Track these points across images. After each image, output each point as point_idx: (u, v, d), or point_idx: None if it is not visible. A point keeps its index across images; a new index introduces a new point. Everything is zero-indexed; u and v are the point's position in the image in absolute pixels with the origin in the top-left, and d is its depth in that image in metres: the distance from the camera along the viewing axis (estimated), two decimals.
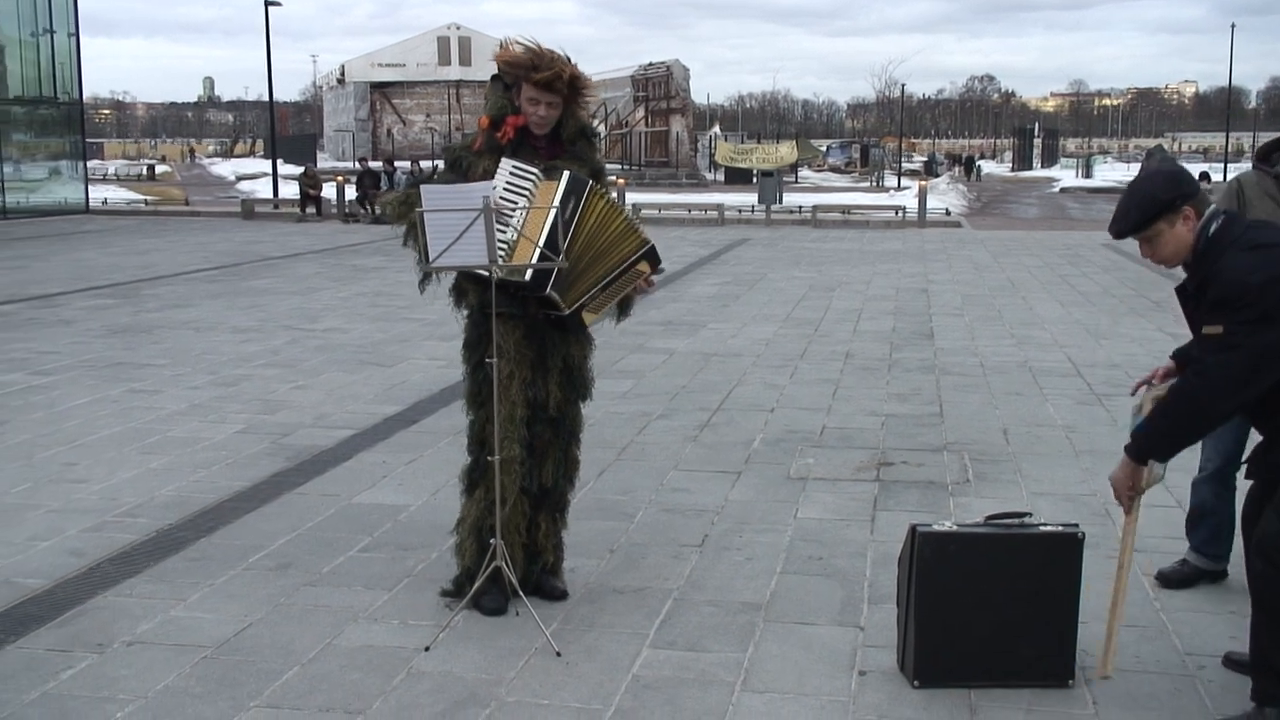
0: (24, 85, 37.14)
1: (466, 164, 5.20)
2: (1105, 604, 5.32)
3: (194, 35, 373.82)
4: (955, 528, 4.56)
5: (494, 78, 5.30)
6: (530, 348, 5.23)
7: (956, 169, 67.13)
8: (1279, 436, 4.12)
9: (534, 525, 5.38)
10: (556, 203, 4.99)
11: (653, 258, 5.34)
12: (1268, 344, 3.95)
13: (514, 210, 5.00)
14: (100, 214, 37.10)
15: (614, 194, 5.38)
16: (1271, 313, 3.93)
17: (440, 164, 5.85)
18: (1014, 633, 4.50)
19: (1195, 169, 68.59)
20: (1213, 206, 4.21)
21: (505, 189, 5.01)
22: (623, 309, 5.47)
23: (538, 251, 4.94)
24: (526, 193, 5.06)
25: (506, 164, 5.10)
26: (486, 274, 4.96)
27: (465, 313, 5.34)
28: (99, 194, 41.68)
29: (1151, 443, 4.25)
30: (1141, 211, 4.20)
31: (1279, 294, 3.94)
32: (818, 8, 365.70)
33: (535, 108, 5.14)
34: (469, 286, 5.21)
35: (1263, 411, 4.15)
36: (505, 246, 4.98)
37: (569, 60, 5.16)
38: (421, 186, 4.96)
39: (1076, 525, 4.64)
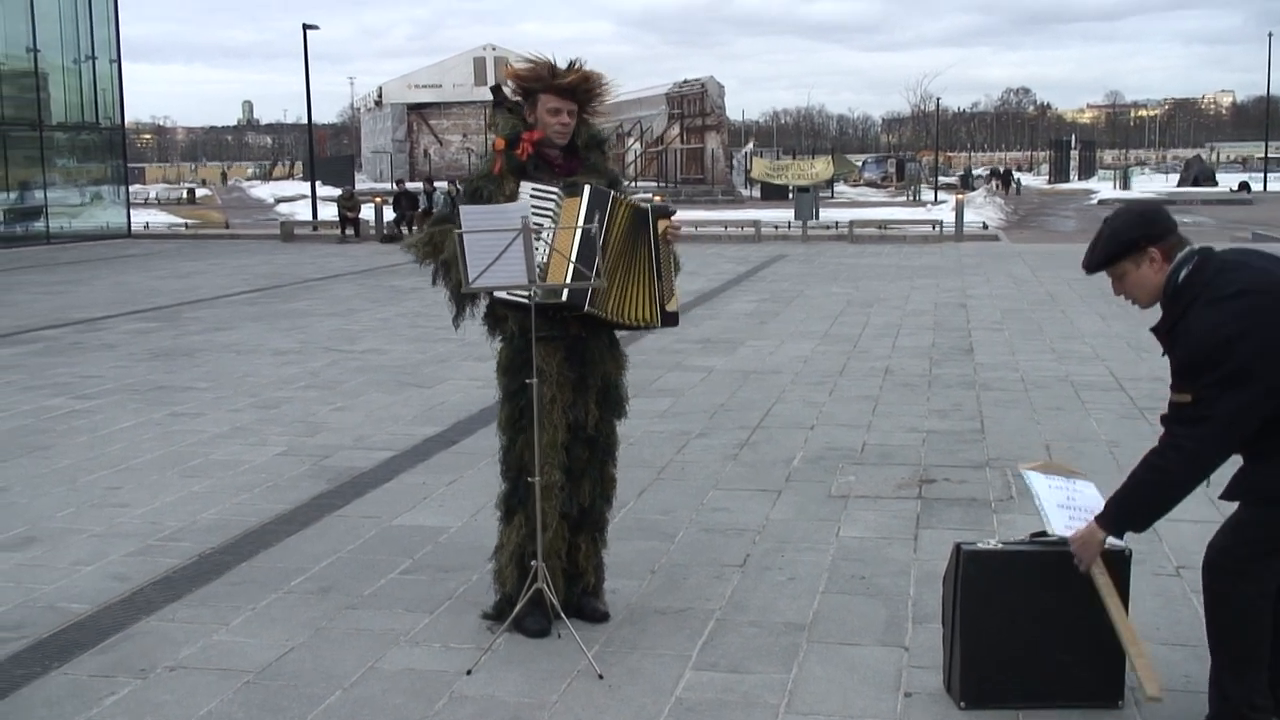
0: (67, 111, 37.55)
1: (488, 193, 5.14)
2: (1153, 622, 5.27)
3: (234, 59, 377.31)
4: (1000, 546, 4.52)
5: (496, 103, 5.30)
6: (572, 370, 5.22)
7: (994, 182, 66.79)
8: (1260, 459, 4.03)
9: (574, 547, 5.36)
10: (582, 221, 4.98)
11: (662, 212, 5.35)
12: (1238, 407, 3.86)
13: (540, 233, 4.99)
14: (142, 238, 37.43)
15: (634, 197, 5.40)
16: (1238, 373, 3.84)
17: (458, 190, 5.87)
18: (1061, 652, 4.44)
19: (1234, 179, 68.25)
20: (1185, 250, 4.07)
21: (531, 212, 5.02)
22: (676, 268, 5.49)
23: (570, 269, 4.93)
24: (550, 214, 5.06)
25: (526, 187, 5.09)
26: (526, 299, 4.97)
27: (499, 338, 5.32)
28: (140, 218, 42.04)
29: (1127, 517, 4.17)
30: (1105, 249, 4.13)
31: (1246, 351, 3.84)
32: (854, 23, 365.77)
33: (557, 117, 5.14)
34: (507, 313, 5.18)
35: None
36: (538, 269, 4.97)
37: (583, 64, 5.20)
38: (460, 208, 4.95)
39: (1124, 543, 4.58)
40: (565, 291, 4.98)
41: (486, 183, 5.19)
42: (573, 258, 4.94)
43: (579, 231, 4.97)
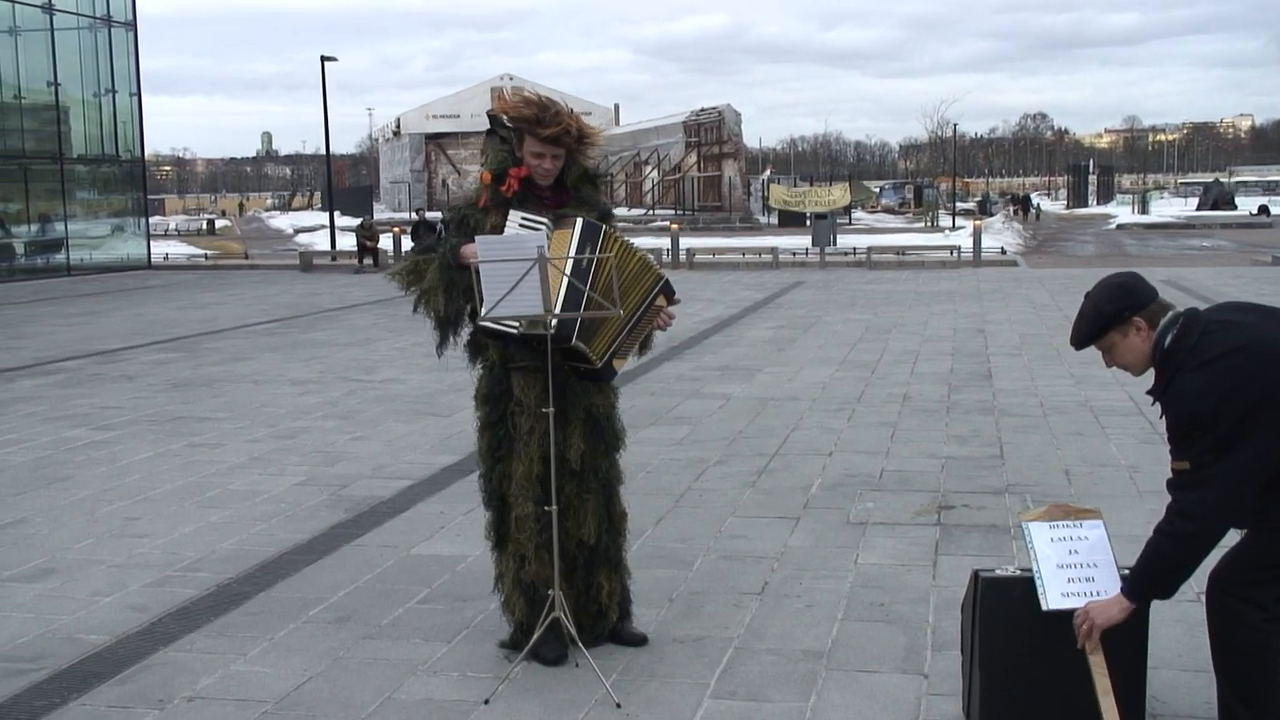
0: (87, 144, 37.81)
1: (474, 222, 5.14)
2: (1174, 649, 5.24)
3: (253, 91, 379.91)
4: (1019, 572, 4.49)
5: (489, 131, 5.31)
6: (555, 402, 5.15)
7: (1012, 208, 66.68)
8: (1270, 490, 3.98)
9: (596, 587, 5.33)
10: (573, 252, 4.96)
11: (668, 291, 5.31)
12: (1238, 467, 3.85)
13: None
14: (162, 269, 37.62)
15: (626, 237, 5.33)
16: (1228, 435, 3.84)
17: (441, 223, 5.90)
18: (1081, 679, 4.41)
19: (1254, 202, 68.05)
20: (1169, 314, 4.06)
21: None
22: (642, 347, 5.41)
23: (560, 301, 4.91)
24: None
25: (515, 216, 5.09)
26: (513, 328, 4.95)
27: (479, 367, 5.31)
28: (160, 249, 42.29)
29: (1148, 587, 4.15)
30: (1090, 324, 4.14)
31: (1232, 413, 3.83)
32: (871, 50, 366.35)
33: (540, 161, 5.11)
34: (487, 341, 5.17)
35: None
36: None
37: (571, 112, 5.14)
38: (478, 238, 4.95)
39: None
40: (553, 323, 4.91)
41: (473, 211, 5.19)
42: (561, 292, 4.92)
43: (569, 263, 4.95)
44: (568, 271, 4.93)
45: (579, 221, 5.06)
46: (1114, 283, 4.19)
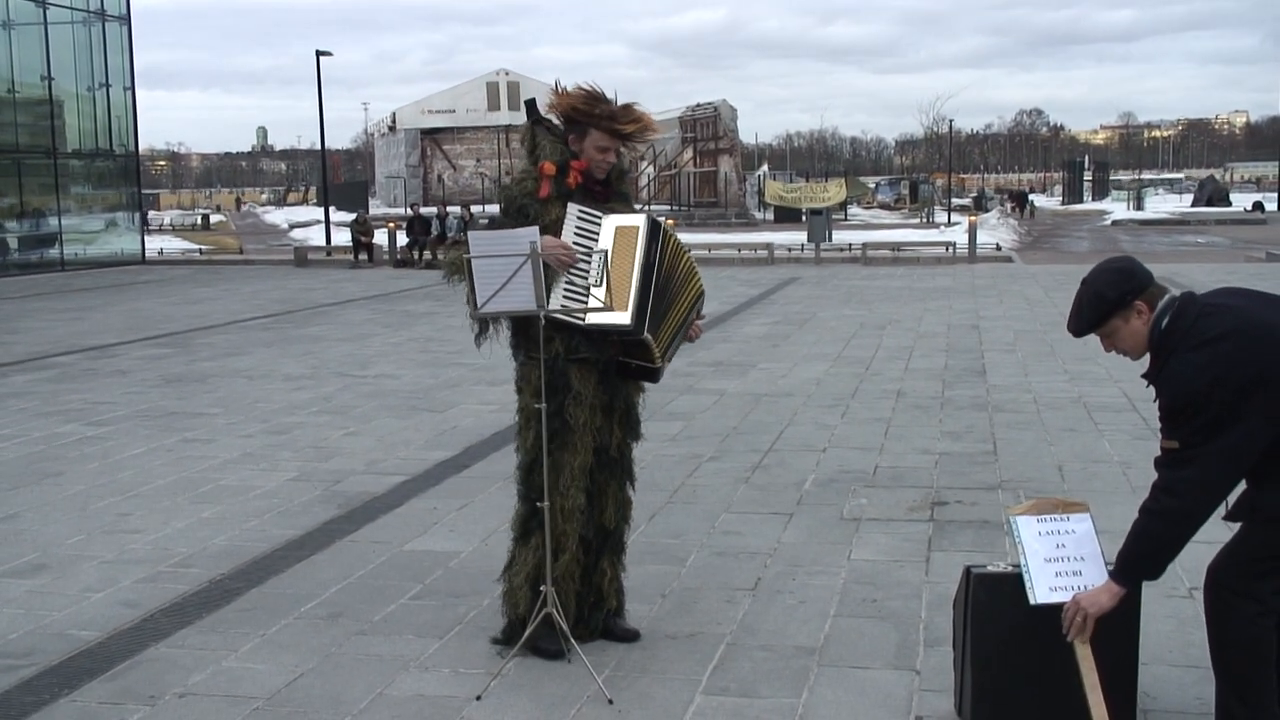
0: (81, 139, 37.73)
1: (535, 212, 5.10)
2: (1166, 644, 5.24)
3: (249, 86, 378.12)
4: (1011, 569, 4.49)
5: (535, 122, 5.29)
6: (605, 392, 5.23)
7: (1008, 204, 66.67)
8: (1262, 480, 4.01)
9: (599, 573, 5.35)
10: (642, 247, 5.02)
11: (701, 295, 5.43)
12: (1228, 447, 3.87)
13: (591, 255, 5.02)
14: (156, 264, 37.58)
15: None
16: (1221, 416, 3.86)
17: (491, 210, 5.88)
18: (1072, 676, 4.40)
19: (1248, 199, 68.14)
20: (1166, 297, 4.08)
21: (575, 234, 5.03)
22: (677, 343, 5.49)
23: (633, 295, 4.95)
24: (594, 235, 5.07)
25: (573, 209, 5.11)
26: (578, 320, 4.99)
27: (528, 358, 5.23)
28: (155, 244, 42.23)
29: (1135, 567, 4.15)
30: (1093, 311, 4.15)
31: (1225, 394, 3.85)
32: (869, 45, 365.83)
33: (605, 155, 5.18)
34: (554, 334, 5.10)
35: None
36: (583, 292, 4.98)
37: (639, 107, 5.25)
38: (469, 233, 4.96)
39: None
40: (629, 315, 4.99)
41: (532, 201, 5.14)
42: (634, 284, 4.96)
43: (639, 258, 5.00)
44: (637, 266, 5.00)
45: (644, 219, 5.13)
46: (1113, 268, 4.19)
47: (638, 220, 5.14)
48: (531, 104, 5.36)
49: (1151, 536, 4.07)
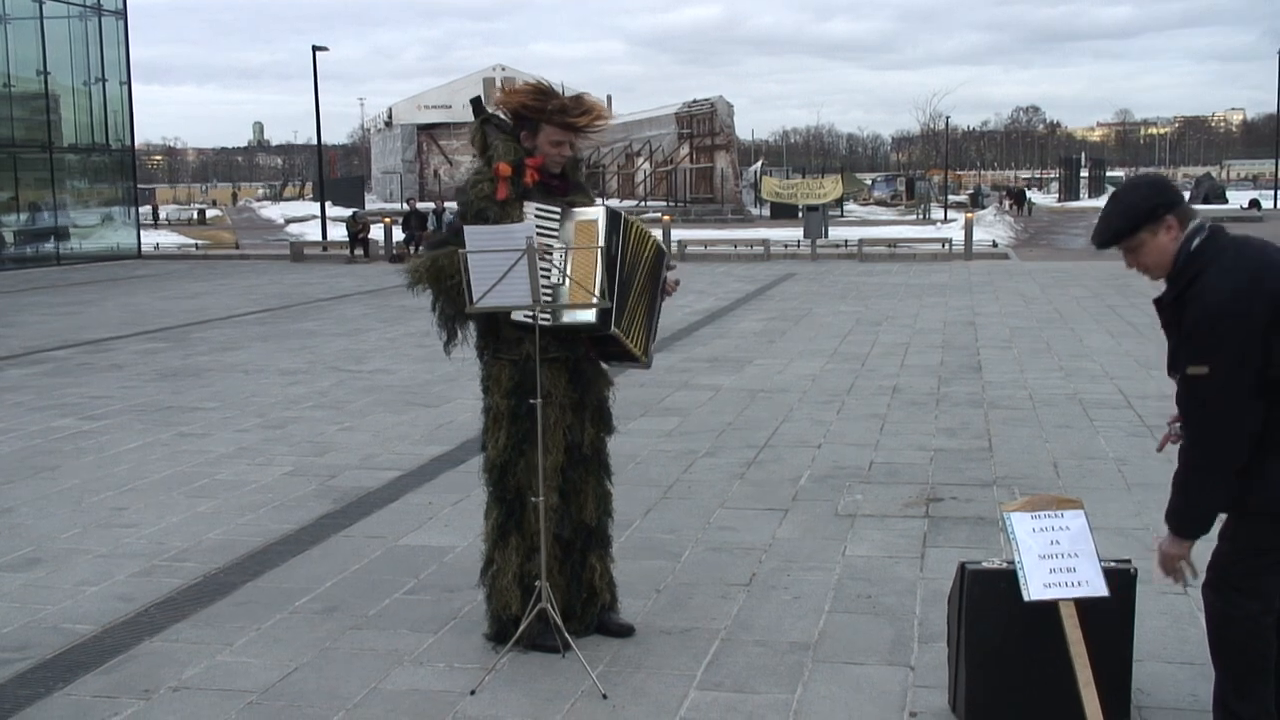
0: (77, 133, 37.70)
1: (493, 216, 5.08)
2: (1160, 640, 5.25)
3: (246, 81, 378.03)
4: (1005, 565, 4.49)
5: (484, 121, 5.27)
6: (574, 391, 5.22)
7: (1005, 202, 66.61)
8: (1257, 472, 3.93)
9: (587, 568, 5.35)
10: (602, 242, 4.99)
11: (663, 256, 5.39)
12: (1251, 377, 3.81)
13: (553, 253, 5.00)
14: (152, 259, 37.53)
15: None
16: (1253, 340, 3.78)
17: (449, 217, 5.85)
18: (1067, 672, 4.41)
19: (1245, 196, 68.16)
20: (1197, 220, 4.01)
21: (535, 233, 5.01)
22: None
23: (597, 292, 4.93)
24: (554, 232, 5.05)
25: (530, 207, 5.08)
26: (545, 320, 4.96)
27: (496, 359, 5.25)
28: (151, 239, 42.17)
29: (1189, 517, 4.03)
30: (1124, 219, 4.03)
31: (1264, 313, 3.78)
32: (866, 42, 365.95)
33: (559, 149, 5.15)
34: (521, 335, 5.12)
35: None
36: (550, 290, 4.97)
37: (590, 97, 5.22)
38: (465, 228, 4.95)
39: (1129, 561, 4.56)
40: (593, 312, 4.97)
41: (490, 204, 5.13)
42: (598, 281, 4.94)
43: (601, 252, 4.97)
44: (599, 262, 4.97)
45: (602, 210, 5.10)
46: (1146, 181, 4.12)
47: (596, 213, 5.10)
48: (477, 101, 5.34)
49: (1194, 487, 3.97)
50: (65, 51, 35.98)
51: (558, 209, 5.11)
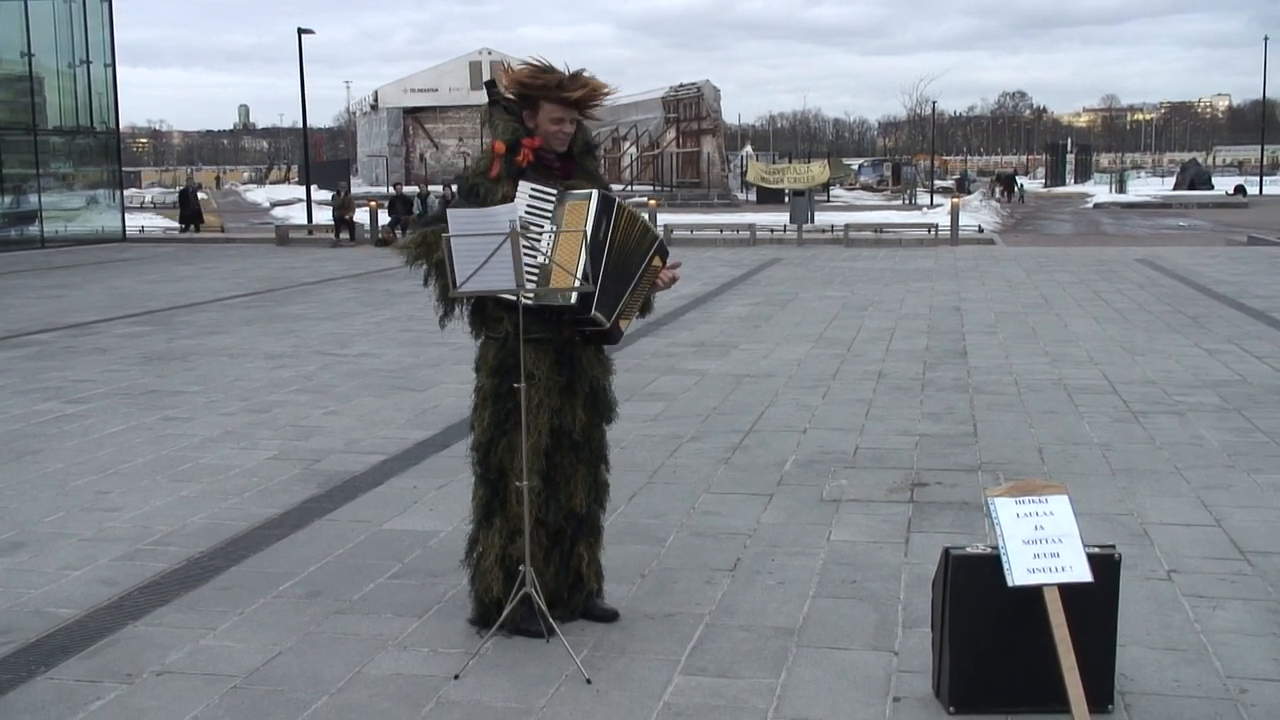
0: (62, 116, 37.50)
1: (484, 191, 5.09)
2: (1144, 626, 5.26)
3: (233, 64, 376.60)
4: (990, 550, 4.49)
5: (492, 102, 5.26)
6: (561, 374, 5.20)
7: (995, 187, 66.60)
8: None
9: (574, 556, 5.34)
10: (589, 226, 4.97)
11: (663, 251, 5.36)
12: None
13: (541, 234, 4.98)
14: (137, 242, 37.39)
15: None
16: None
17: (452, 192, 5.84)
18: (1049, 657, 4.42)
19: (1230, 182, 68.31)
20: None
21: (526, 212, 4.99)
22: (644, 309, 5.48)
23: (579, 276, 4.91)
24: (547, 214, 5.04)
25: (525, 187, 5.06)
26: (529, 299, 4.95)
27: (486, 337, 5.25)
28: (136, 222, 42.02)
29: None
30: None
31: None
32: (855, 26, 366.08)
33: (560, 125, 5.12)
34: (503, 314, 5.13)
35: None
36: (535, 271, 4.96)
37: (588, 73, 5.19)
38: (448, 211, 4.93)
39: (1113, 546, 4.57)
40: (574, 295, 4.96)
41: (483, 180, 5.14)
42: (580, 264, 4.92)
43: (587, 235, 4.95)
44: (585, 246, 4.95)
45: (594, 195, 5.06)
46: None
47: (587, 197, 5.08)
48: (491, 84, 5.33)
49: None
50: (50, 34, 35.75)
51: (554, 191, 5.09)
